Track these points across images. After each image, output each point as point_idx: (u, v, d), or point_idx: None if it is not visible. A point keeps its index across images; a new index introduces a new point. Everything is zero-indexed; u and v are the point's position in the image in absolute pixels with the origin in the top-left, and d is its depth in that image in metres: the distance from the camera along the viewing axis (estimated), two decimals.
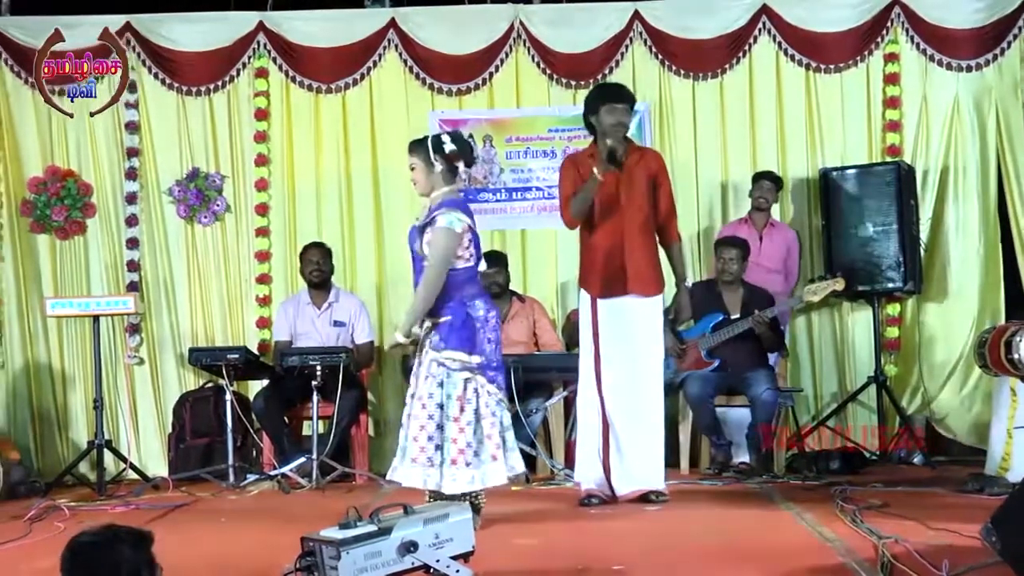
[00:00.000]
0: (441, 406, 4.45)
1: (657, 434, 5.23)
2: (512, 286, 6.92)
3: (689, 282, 5.53)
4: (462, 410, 4.46)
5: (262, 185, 7.33)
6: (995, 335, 5.17)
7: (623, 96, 5.30)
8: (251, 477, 6.32)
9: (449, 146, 4.56)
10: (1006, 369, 5.14)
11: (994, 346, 5.13)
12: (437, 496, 4.52)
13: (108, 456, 6.48)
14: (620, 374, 5.17)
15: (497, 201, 7.33)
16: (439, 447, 4.44)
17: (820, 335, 7.22)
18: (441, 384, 4.47)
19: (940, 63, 7.14)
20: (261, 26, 7.31)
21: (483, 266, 4.88)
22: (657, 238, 5.35)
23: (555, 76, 7.28)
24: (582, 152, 5.49)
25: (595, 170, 5.09)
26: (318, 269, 6.79)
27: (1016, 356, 5.02)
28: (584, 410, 5.27)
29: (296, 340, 6.78)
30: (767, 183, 6.93)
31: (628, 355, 5.17)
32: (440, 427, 4.45)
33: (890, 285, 6.82)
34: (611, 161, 5.09)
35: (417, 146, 4.61)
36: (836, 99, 7.22)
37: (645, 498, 5.17)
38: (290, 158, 7.36)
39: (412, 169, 4.60)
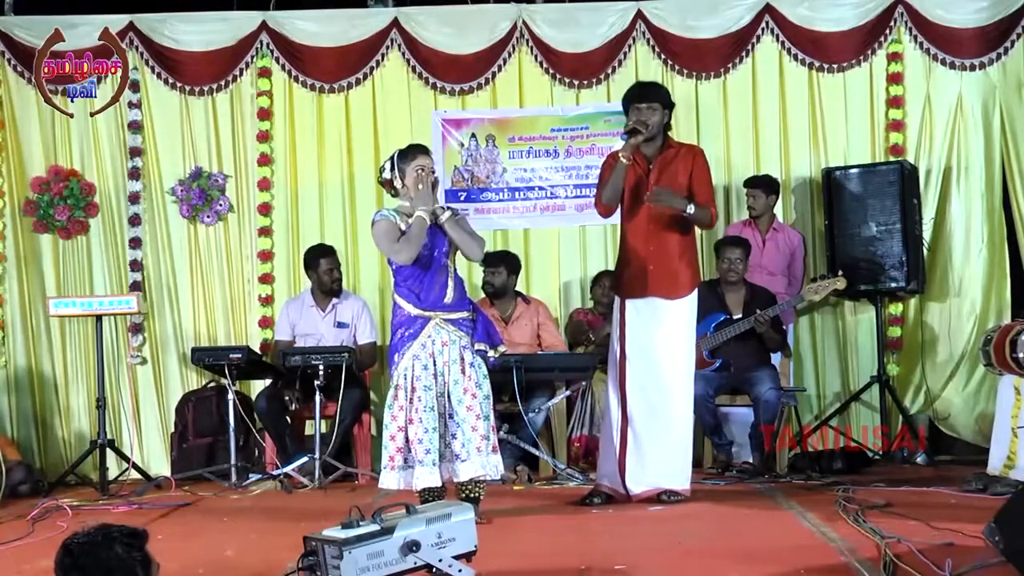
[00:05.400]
0: (488, 397, 4.68)
1: (681, 435, 5.21)
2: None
3: (691, 208, 5.11)
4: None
5: (265, 185, 7.33)
6: (1000, 334, 5.16)
7: (644, 95, 5.26)
8: (253, 477, 6.33)
9: None
10: (1011, 368, 5.13)
11: (999, 345, 5.12)
12: (431, 495, 4.62)
13: (111, 456, 6.48)
14: (644, 374, 5.15)
15: (499, 201, 7.34)
16: (487, 436, 4.64)
17: (823, 335, 7.21)
18: (486, 376, 4.70)
19: (943, 62, 7.13)
20: (264, 26, 7.32)
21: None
22: (694, 235, 5.33)
23: (558, 76, 7.28)
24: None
25: (621, 155, 5.09)
26: (338, 278, 6.78)
27: (1021, 355, 5.01)
28: (607, 410, 5.28)
29: (299, 341, 6.77)
30: (752, 190, 6.91)
31: (652, 356, 5.15)
32: (487, 416, 4.66)
33: (893, 284, 6.81)
34: (627, 136, 5.10)
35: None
36: (839, 98, 7.22)
37: (656, 497, 5.16)
38: (293, 158, 7.37)
39: (432, 172, 4.79)
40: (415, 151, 4.80)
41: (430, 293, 4.69)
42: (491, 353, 4.77)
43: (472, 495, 4.65)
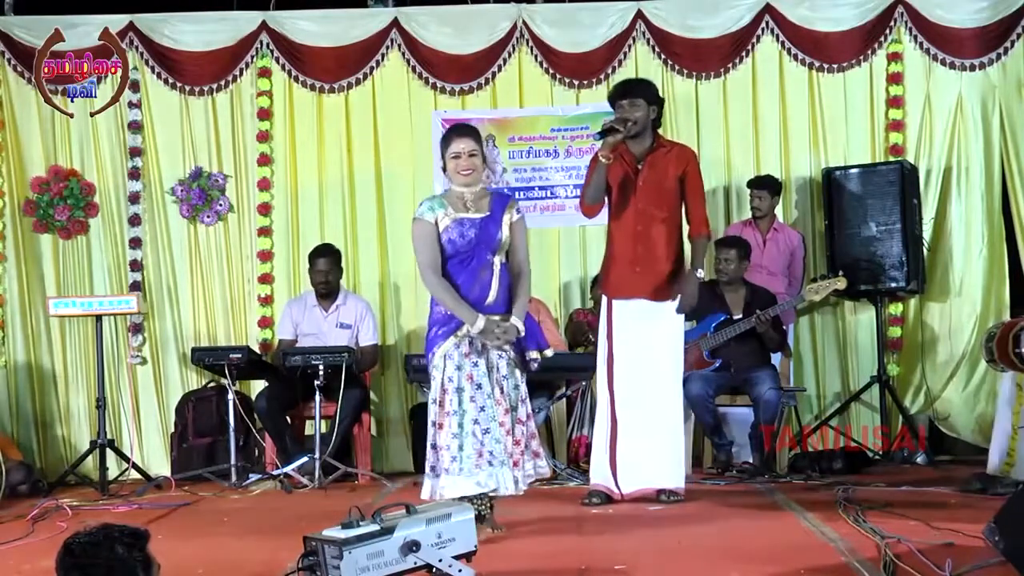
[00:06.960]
0: (524, 400, 4.44)
1: (672, 434, 5.21)
2: None
3: (701, 273, 5.21)
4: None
5: (265, 185, 7.33)
6: (1003, 330, 5.16)
7: (627, 91, 5.22)
8: (253, 477, 6.33)
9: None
10: (1014, 364, 5.12)
11: (1002, 340, 5.11)
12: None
13: (111, 456, 6.48)
14: (633, 375, 5.15)
15: None
16: (524, 444, 4.44)
17: (823, 335, 7.22)
18: (523, 378, 4.46)
19: (943, 62, 7.13)
20: (264, 26, 7.32)
21: None
22: (682, 236, 5.28)
23: (558, 76, 7.28)
24: None
25: (600, 155, 5.05)
26: (324, 281, 6.76)
27: None
28: (599, 409, 5.27)
29: (301, 340, 6.77)
30: (757, 191, 6.91)
31: (642, 356, 5.15)
32: (524, 422, 4.44)
33: (893, 284, 6.81)
34: (602, 135, 5.00)
35: (476, 134, 4.50)
36: (839, 98, 7.22)
37: (655, 497, 5.16)
38: (293, 158, 7.37)
39: (472, 155, 4.37)
40: (450, 134, 4.46)
41: (470, 292, 4.32)
42: (535, 356, 4.46)
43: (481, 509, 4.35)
